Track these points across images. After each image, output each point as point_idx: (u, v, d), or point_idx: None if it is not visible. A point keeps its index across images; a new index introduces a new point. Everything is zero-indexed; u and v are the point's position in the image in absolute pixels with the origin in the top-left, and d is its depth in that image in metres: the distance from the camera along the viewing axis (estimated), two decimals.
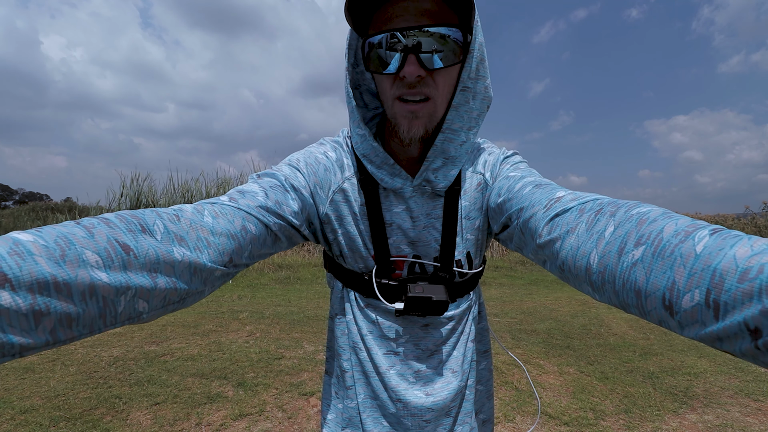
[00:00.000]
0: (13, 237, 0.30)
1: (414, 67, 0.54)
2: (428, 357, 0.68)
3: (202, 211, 0.47)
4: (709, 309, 0.28)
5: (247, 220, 0.51)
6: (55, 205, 12.58)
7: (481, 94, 0.62)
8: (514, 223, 0.56)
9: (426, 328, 0.68)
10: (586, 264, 0.40)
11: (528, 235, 0.52)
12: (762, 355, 0.26)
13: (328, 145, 0.69)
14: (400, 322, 0.67)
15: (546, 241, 0.47)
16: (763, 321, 0.25)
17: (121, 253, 0.35)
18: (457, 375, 0.68)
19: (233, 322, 4.18)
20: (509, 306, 5.42)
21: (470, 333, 0.71)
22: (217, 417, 2.26)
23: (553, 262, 0.47)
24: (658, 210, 0.37)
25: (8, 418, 2.14)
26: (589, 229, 0.42)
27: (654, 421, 2.32)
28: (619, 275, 0.36)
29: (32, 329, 0.29)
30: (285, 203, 0.57)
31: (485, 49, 0.61)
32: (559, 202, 0.48)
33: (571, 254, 0.43)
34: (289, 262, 7.77)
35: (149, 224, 0.39)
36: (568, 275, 0.45)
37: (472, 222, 0.67)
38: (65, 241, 0.31)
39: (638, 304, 0.35)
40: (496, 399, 2.57)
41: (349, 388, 0.70)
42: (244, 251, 0.50)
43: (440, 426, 0.68)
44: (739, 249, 0.28)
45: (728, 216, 15.39)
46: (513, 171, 0.64)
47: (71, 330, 0.31)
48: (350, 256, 0.67)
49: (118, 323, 0.36)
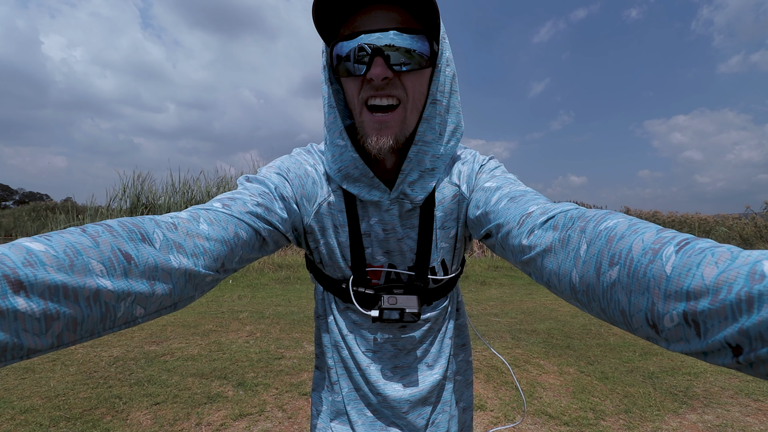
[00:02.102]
0: (26, 246, 0.32)
1: (381, 69, 0.54)
2: (405, 354, 0.71)
3: (197, 218, 0.49)
4: (691, 328, 0.29)
5: (239, 227, 0.53)
6: (55, 205, 12.58)
7: (456, 109, 0.63)
8: (493, 237, 0.57)
9: (403, 329, 0.71)
10: (569, 282, 0.41)
11: (509, 252, 0.53)
12: (745, 368, 0.27)
13: (315, 155, 0.69)
14: (378, 325, 0.70)
15: (527, 260, 0.48)
16: (742, 339, 0.25)
17: (123, 262, 0.37)
18: (434, 369, 0.72)
19: (233, 322, 4.18)
20: (509, 306, 5.42)
21: (447, 330, 0.74)
22: (217, 417, 2.26)
23: (539, 279, 0.48)
24: (623, 223, 0.38)
25: (8, 418, 2.14)
26: (564, 246, 0.42)
27: (654, 421, 2.32)
28: (602, 294, 0.37)
29: (43, 333, 0.31)
30: (273, 211, 0.58)
31: (455, 71, 0.62)
32: (531, 218, 0.49)
33: (554, 273, 0.44)
34: (289, 262, 7.77)
35: (149, 233, 0.41)
36: (555, 292, 0.45)
37: (447, 231, 0.68)
38: (73, 251, 0.34)
39: (625, 321, 0.35)
40: (496, 399, 2.57)
41: (335, 383, 0.74)
42: (235, 256, 0.52)
43: (419, 415, 0.72)
44: (706, 268, 0.28)
45: (728, 216, 15.39)
46: (489, 180, 0.63)
47: (75, 334, 0.34)
48: (329, 265, 0.69)
49: (115, 327, 0.38)
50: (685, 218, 15.54)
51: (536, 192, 0.57)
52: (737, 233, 13.12)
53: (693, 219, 15.40)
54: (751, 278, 0.25)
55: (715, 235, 13.51)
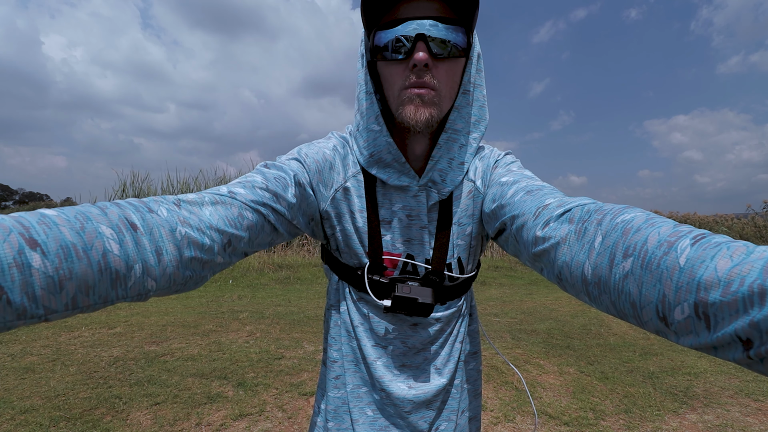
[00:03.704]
0: (40, 211, 0.34)
1: (423, 54, 0.56)
2: (415, 354, 0.70)
3: (203, 198, 0.50)
4: (701, 320, 0.29)
5: (245, 209, 0.53)
6: (54, 205, 12.59)
7: (479, 102, 0.65)
8: (508, 230, 0.57)
9: (414, 327, 0.70)
10: (581, 275, 0.41)
11: (522, 245, 0.53)
12: (755, 364, 0.26)
13: (336, 140, 0.70)
14: (389, 319, 0.69)
15: (540, 251, 0.48)
16: (752, 332, 0.25)
17: (131, 229, 0.38)
18: (441, 372, 0.71)
19: (233, 322, 4.18)
20: (509, 306, 5.42)
21: (458, 334, 0.73)
22: (217, 417, 2.26)
23: (550, 271, 0.47)
24: (641, 216, 0.38)
25: (8, 418, 2.14)
26: (579, 239, 0.42)
27: (654, 421, 2.32)
28: (613, 287, 0.37)
29: (57, 292, 0.32)
30: (283, 197, 0.57)
31: (483, 65, 0.65)
32: (547, 210, 0.49)
33: (566, 265, 0.43)
34: (289, 262, 7.77)
35: (154, 208, 0.43)
36: (565, 284, 0.45)
37: (463, 228, 0.68)
38: (83, 217, 0.36)
39: (635, 314, 0.35)
40: (496, 399, 2.57)
41: (337, 378, 0.73)
42: (243, 237, 0.52)
43: (421, 418, 0.70)
44: (720, 261, 0.28)
45: (728, 216, 15.40)
46: (506, 175, 0.64)
47: (88, 297, 0.35)
48: (346, 252, 0.69)
49: (129, 297, 0.39)
50: (685, 218, 15.55)
51: (553, 187, 0.57)
52: (737, 233, 13.12)
53: (693, 219, 15.42)
54: (766, 271, 0.25)
55: None
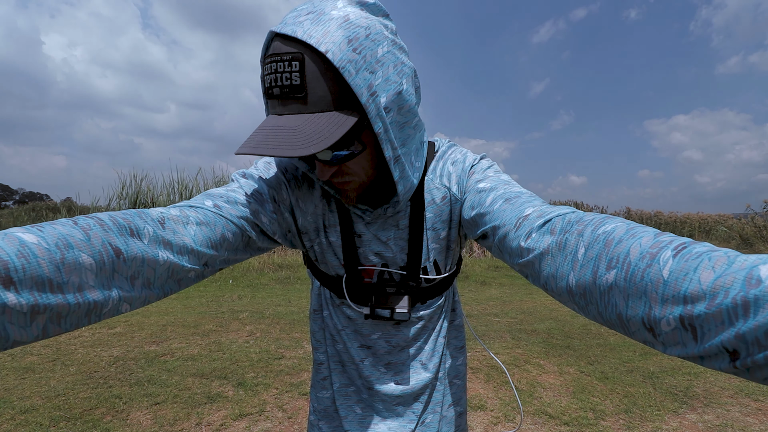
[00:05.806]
0: (19, 237, 0.32)
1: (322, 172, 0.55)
2: (399, 351, 0.72)
3: (187, 217, 0.50)
4: (688, 332, 0.29)
5: (227, 228, 0.54)
6: (54, 205, 12.58)
7: (407, 130, 0.57)
8: (491, 239, 0.56)
9: (398, 327, 0.72)
10: (566, 286, 0.41)
11: (506, 254, 0.53)
12: (742, 373, 0.27)
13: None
14: (372, 321, 0.71)
15: (524, 263, 0.48)
16: (738, 344, 0.26)
17: (113, 256, 0.38)
18: (427, 367, 0.73)
19: (233, 322, 4.18)
20: (509, 306, 5.42)
21: (442, 329, 0.75)
22: (217, 417, 2.26)
23: (536, 281, 0.48)
24: (621, 227, 0.38)
25: (8, 418, 2.14)
26: (562, 250, 0.42)
27: (654, 421, 2.32)
28: (599, 297, 0.37)
29: (28, 325, 0.32)
30: (263, 213, 0.59)
31: (403, 88, 0.52)
32: (528, 220, 0.49)
33: (551, 276, 0.44)
34: (289, 262, 7.76)
35: (140, 228, 0.43)
36: (553, 295, 0.46)
37: (437, 233, 0.68)
38: (65, 244, 0.34)
39: (622, 325, 0.35)
40: (496, 399, 2.57)
41: (324, 379, 0.76)
42: (220, 256, 0.54)
43: (409, 409, 0.73)
44: (703, 273, 0.28)
45: (728, 216, 15.40)
46: (483, 181, 0.62)
47: (59, 327, 0.35)
48: (324, 263, 0.70)
49: (101, 319, 0.39)
50: (686, 218, 15.56)
51: (531, 193, 0.57)
52: (737, 233, 13.12)
53: (693, 219, 15.42)
54: (748, 283, 0.25)
55: (715, 234, 13.51)
